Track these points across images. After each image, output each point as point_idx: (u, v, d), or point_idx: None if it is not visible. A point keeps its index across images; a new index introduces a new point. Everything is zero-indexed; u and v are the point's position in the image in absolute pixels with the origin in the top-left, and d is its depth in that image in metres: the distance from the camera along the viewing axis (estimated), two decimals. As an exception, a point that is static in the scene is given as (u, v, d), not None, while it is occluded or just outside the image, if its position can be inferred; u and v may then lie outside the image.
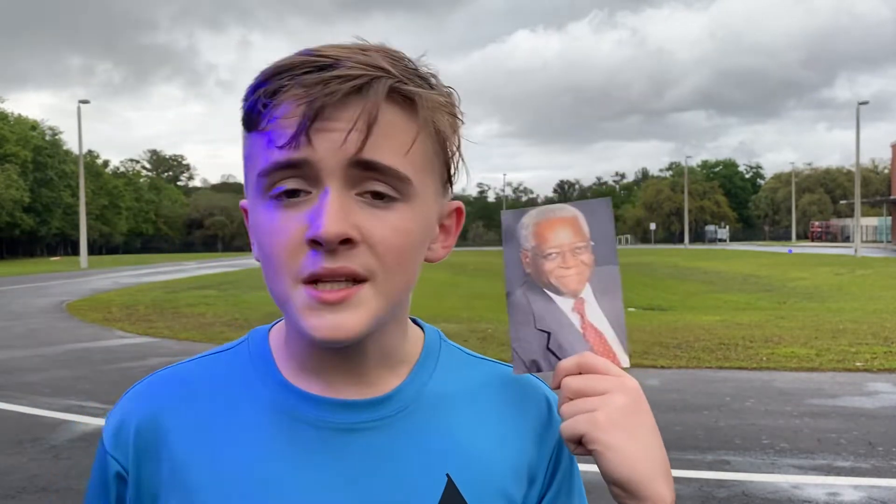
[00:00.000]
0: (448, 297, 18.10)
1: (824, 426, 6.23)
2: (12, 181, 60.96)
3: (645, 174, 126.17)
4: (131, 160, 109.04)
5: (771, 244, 70.72)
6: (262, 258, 0.74)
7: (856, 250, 37.98)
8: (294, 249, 0.70)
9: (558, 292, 0.81)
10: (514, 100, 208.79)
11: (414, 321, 0.88)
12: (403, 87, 0.71)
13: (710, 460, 5.35)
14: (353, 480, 0.76)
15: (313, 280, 0.70)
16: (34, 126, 70.76)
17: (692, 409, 6.91)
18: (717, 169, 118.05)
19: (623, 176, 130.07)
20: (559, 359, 0.80)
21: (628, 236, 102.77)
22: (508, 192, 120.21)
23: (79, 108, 45.70)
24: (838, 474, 5.06)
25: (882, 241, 59.65)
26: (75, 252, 67.93)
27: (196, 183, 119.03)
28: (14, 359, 10.19)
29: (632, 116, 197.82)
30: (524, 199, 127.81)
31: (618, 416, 0.73)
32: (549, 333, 0.81)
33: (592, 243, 0.80)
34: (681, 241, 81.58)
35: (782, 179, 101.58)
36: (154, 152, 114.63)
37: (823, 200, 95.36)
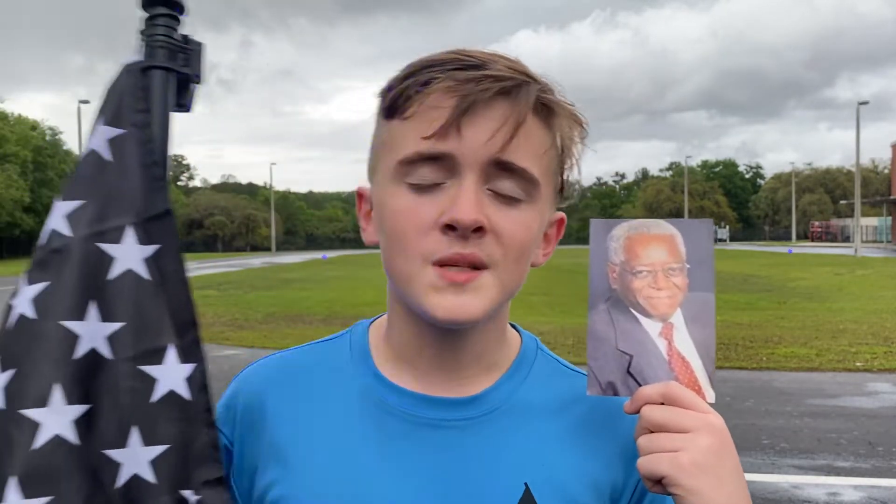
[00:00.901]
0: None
1: (824, 426, 6.23)
2: (12, 181, 61.01)
3: (645, 174, 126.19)
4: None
5: (771, 244, 70.77)
6: (390, 238, 0.77)
7: (856, 250, 37.98)
8: (425, 232, 0.74)
9: (646, 314, 0.77)
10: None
11: (513, 327, 0.89)
12: (547, 98, 0.76)
13: (711, 460, 5.36)
14: (433, 474, 0.79)
15: (442, 263, 0.74)
16: (34, 126, 70.79)
17: (692, 409, 6.91)
18: (717, 169, 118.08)
19: (623, 176, 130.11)
20: (639, 384, 0.76)
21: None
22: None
23: (79, 108, 45.85)
24: (838, 474, 5.06)
25: (882, 241, 59.67)
26: (75, 252, 67.64)
27: (196, 183, 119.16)
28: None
29: (633, 117, 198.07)
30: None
31: (703, 459, 0.69)
32: (630, 356, 0.76)
33: (688, 266, 0.76)
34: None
35: (782, 179, 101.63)
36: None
37: (823, 200, 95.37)
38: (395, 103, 0.76)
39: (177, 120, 0.86)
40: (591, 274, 0.78)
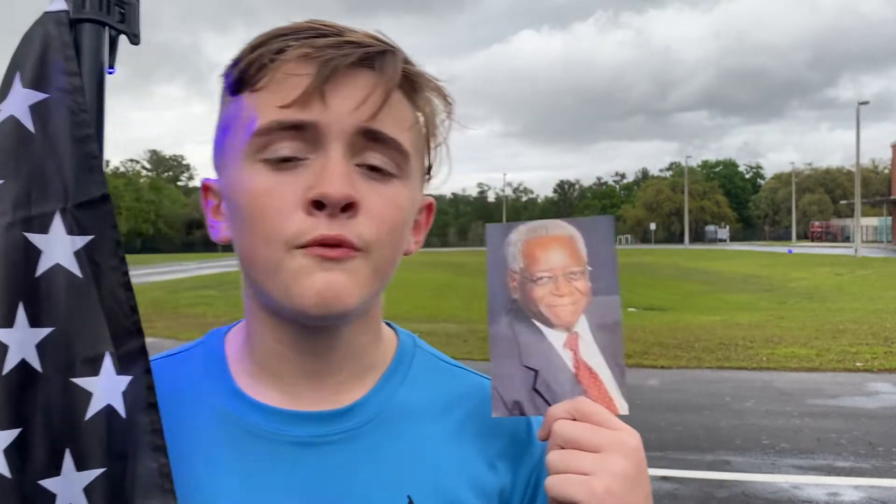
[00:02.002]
0: (448, 297, 18.10)
1: (824, 426, 6.23)
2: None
3: (645, 174, 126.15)
4: (131, 160, 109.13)
5: (771, 244, 70.75)
6: (247, 225, 0.68)
7: (856, 250, 37.97)
8: (289, 213, 0.66)
9: (549, 324, 0.71)
10: (517, 100, 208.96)
11: (388, 325, 0.82)
12: (411, 69, 0.70)
13: (711, 460, 5.35)
14: (307, 498, 0.70)
15: (309, 247, 0.66)
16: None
17: (692, 409, 6.91)
18: (718, 169, 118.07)
19: (623, 176, 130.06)
20: (547, 402, 0.70)
21: (628, 236, 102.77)
22: (508, 192, 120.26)
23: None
24: (838, 474, 5.06)
25: (882, 242, 59.66)
26: (75, 252, 67.66)
27: (196, 183, 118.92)
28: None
29: (635, 117, 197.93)
30: (524, 198, 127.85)
31: (618, 487, 0.64)
32: (536, 371, 0.71)
33: (590, 268, 0.70)
34: (681, 241, 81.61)
35: (782, 179, 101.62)
36: (154, 152, 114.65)
37: (824, 200, 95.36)
38: (243, 75, 0.68)
39: (178, 120, 0.81)
40: (489, 284, 0.72)
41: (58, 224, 0.68)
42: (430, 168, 0.77)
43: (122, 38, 0.76)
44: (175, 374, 0.77)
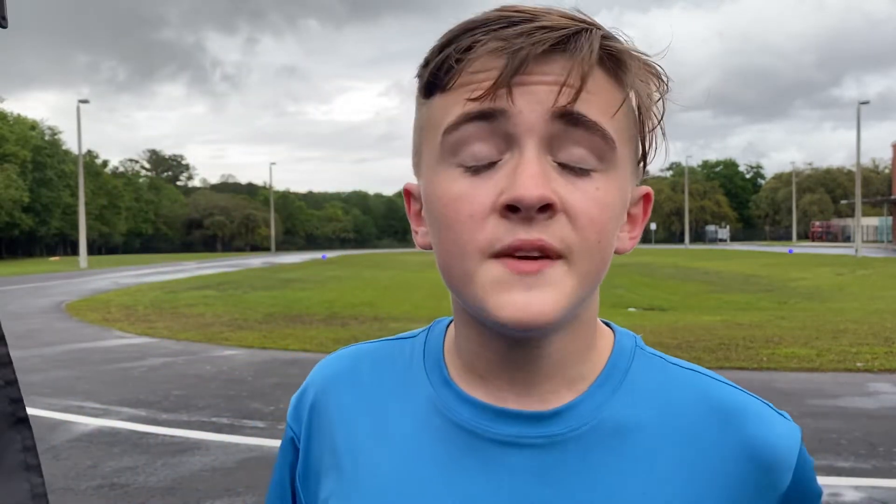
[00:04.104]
0: (448, 297, 17.97)
1: (825, 426, 6.22)
2: (11, 181, 60.97)
3: (645, 174, 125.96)
4: (130, 160, 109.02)
5: (772, 244, 70.74)
6: (442, 232, 0.65)
7: (856, 250, 37.97)
8: (482, 219, 0.62)
9: None
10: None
11: (606, 325, 0.76)
12: (614, 46, 0.64)
13: (711, 461, 5.35)
14: (502, 497, 0.67)
15: (505, 255, 0.61)
16: (33, 126, 70.77)
17: (693, 409, 6.91)
18: (718, 169, 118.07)
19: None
20: None
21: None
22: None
23: (78, 108, 45.76)
24: (839, 474, 5.05)
25: (883, 241, 59.66)
26: (74, 252, 67.95)
27: (196, 183, 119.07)
28: (14, 359, 10.14)
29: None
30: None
31: None
32: None
33: None
34: (681, 241, 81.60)
35: (783, 179, 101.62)
36: (153, 152, 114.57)
37: (824, 200, 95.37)
38: (434, 78, 0.65)
39: (180, 122, 0.78)
40: None
41: None
42: (644, 155, 0.70)
43: None
44: (397, 356, 0.77)
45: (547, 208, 0.60)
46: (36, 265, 47.97)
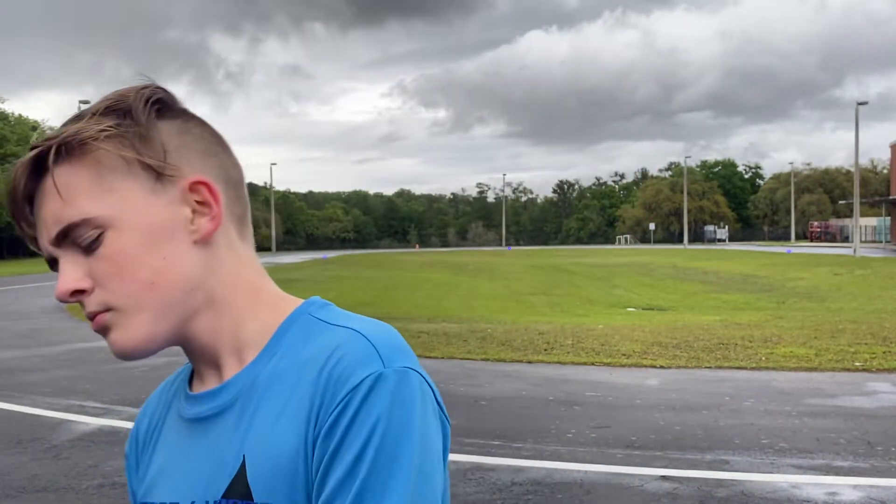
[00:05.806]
0: (448, 297, 18.05)
1: (823, 426, 6.24)
2: (12, 181, 60.87)
3: (644, 174, 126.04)
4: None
5: (770, 244, 70.73)
6: None
7: (855, 250, 37.98)
8: None
9: None
10: (522, 100, 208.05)
11: (295, 300, 0.85)
12: (48, 143, 0.75)
13: (710, 460, 5.36)
14: (193, 464, 0.81)
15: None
16: (35, 126, 70.75)
17: (692, 408, 6.92)
18: (717, 169, 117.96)
19: (622, 176, 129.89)
20: None
21: (628, 236, 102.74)
22: (508, 192, 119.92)
23: (79, 108, 45.82)
24: (837, 474, 5.07)
25: (881, 242, 59.64)
26: (75, 252, 67.58)
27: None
28: (14, 359, 10.19)
29: (640, 117, 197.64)
30: (524, 199, 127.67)
31: None
32: None
33: None
34: (680, 241, 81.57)
35: (781, 179, 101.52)
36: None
37: (822, 200, 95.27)
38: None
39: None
40: None
41: None
42: (158, 169, 0.77)
43: None
44: (178, 374, 0.92)
45: (78, 292, 0.77)
46: (37, 265, 47.90)
